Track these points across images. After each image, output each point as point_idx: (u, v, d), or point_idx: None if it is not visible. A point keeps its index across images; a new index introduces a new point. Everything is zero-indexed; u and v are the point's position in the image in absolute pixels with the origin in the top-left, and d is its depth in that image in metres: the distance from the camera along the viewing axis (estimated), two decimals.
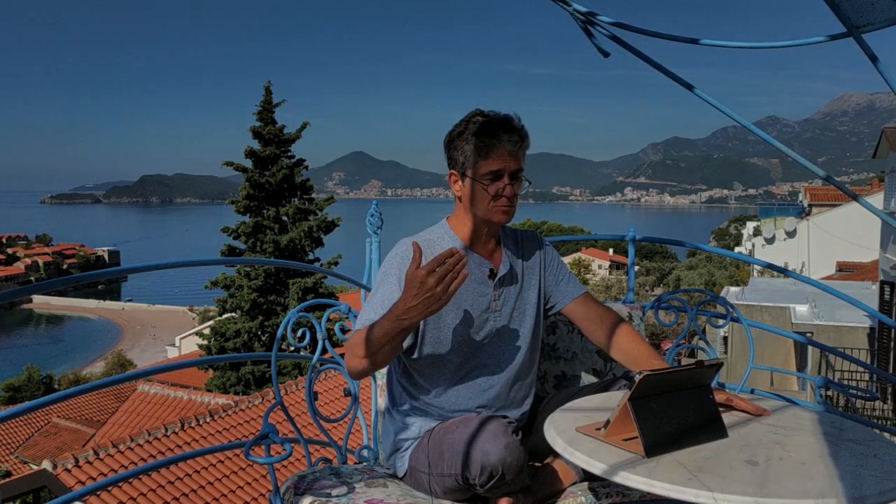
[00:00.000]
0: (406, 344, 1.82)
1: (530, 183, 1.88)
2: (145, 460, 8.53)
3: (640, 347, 1.88)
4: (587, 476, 1.77)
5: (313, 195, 21.16)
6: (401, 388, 1.93)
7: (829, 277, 21.90)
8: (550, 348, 2.25)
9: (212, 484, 8.60)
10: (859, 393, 2.61)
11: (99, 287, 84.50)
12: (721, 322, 2.68)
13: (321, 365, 2.24)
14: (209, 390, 16.35)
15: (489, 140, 1.79)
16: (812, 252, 25.50)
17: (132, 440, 8.92)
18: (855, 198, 2.23)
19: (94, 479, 8.05)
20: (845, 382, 10.14)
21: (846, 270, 23.15)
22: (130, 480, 7.93)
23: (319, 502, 1.68)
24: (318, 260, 20.44)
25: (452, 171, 1.88)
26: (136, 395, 14.16)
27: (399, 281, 1.80)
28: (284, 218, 20.03)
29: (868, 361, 12.40)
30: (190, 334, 31.51)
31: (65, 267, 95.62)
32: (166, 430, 9.32)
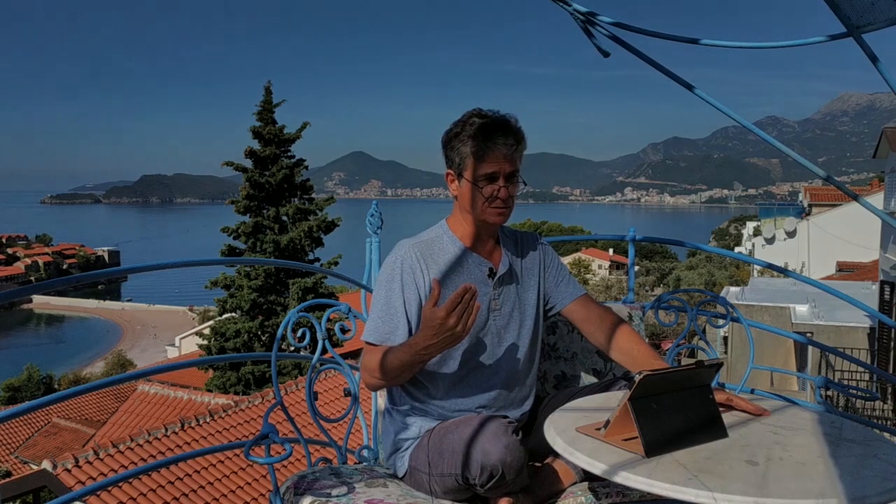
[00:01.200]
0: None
1: (526, 184, 1.89)
2: (145, 460, 8.53)
3: (640, 348, 1.88)
4: (587, 476, 1.77)
5: (313, 195, 21.17)
6: (401, 388, 1.93)
7: (829, 277, 21.88)
8: (550, 348, 2.25)
9: (212, 484, 8.60)
10: (859, 393, 2.61)
11: (99, 287, 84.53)
12: (721, 322, 2.68)
13: (321, 365, 2.23)
14: (209, 390, 16.35)
15: (484, 143, 1.79)
16: (812, 252, 25.50)
17: (132, 440, 8.93)
18: (855, 198, 2.23)
19: (94, 479, 8.05)
20: (845, 382, 10.14)
21: (846, 270, 23.13)
22: (130, 480, 7.93)
23: (319, 502, 1.68)
24: (318, 260, 20.45)
25: (449, 170, 1.89)
26: (136, 395, 14.16)
27: (403, 286, 1.81)
28: (284, 218, 20.03)
29: (868, 361, 12.39)
30: (190, 334, 31.53)
31: (65, 267, 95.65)
32: (166, 430, 9.32)
